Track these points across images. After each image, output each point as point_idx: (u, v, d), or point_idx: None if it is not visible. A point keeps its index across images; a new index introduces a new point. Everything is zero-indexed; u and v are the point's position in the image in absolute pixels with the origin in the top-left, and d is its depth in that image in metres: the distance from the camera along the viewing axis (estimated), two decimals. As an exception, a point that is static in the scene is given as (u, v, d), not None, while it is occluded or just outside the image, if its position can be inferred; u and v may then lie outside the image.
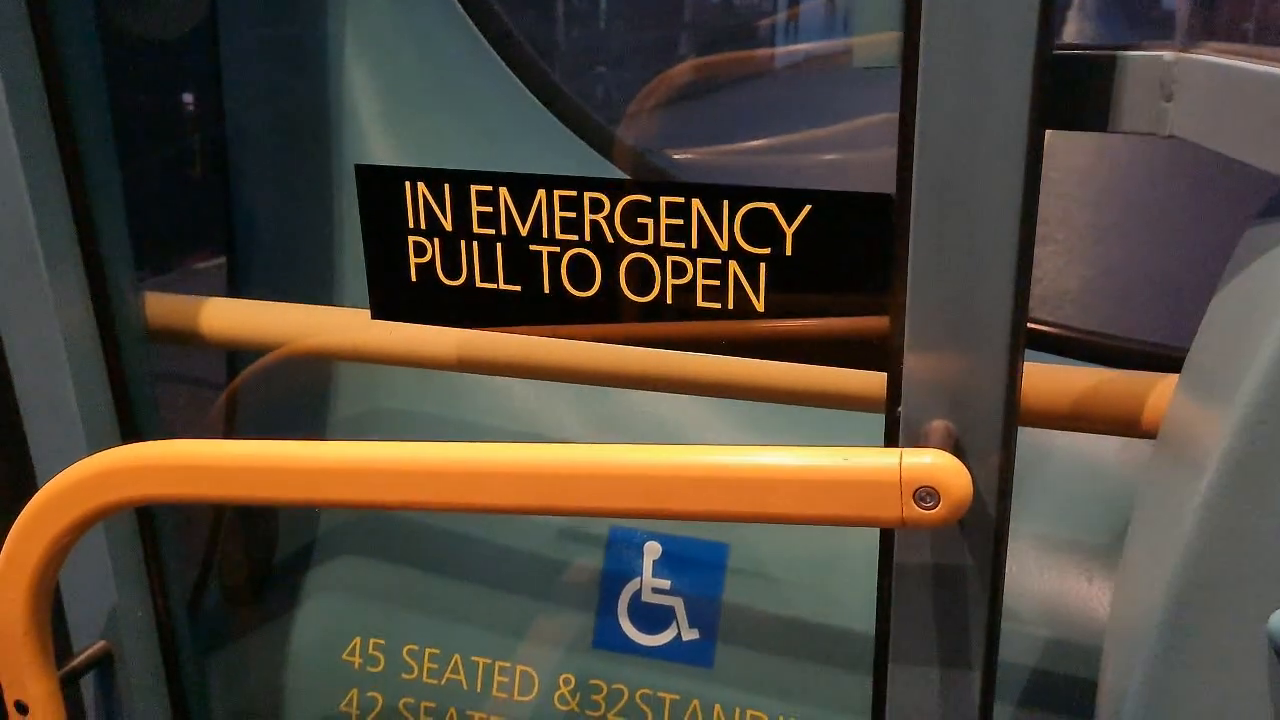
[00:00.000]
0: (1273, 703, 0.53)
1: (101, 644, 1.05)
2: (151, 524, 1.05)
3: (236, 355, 1.37)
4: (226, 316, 1.07)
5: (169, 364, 1.17)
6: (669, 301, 0.82)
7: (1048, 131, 0.67)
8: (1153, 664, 0.57)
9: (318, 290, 1.29)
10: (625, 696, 1.15)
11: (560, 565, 1.19)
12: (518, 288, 0.85)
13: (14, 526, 0.90)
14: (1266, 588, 0.52)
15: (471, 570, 1.21)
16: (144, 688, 1.08)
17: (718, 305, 0.80)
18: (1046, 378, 0.85)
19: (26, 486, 1.03)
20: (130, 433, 1.02)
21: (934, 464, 0.65)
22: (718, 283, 0.80)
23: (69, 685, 1.03)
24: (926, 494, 0.65)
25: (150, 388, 1.05)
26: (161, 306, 1.07)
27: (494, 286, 0.86)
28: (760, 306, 0.79)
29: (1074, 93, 0.69)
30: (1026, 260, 0.69)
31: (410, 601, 1.23)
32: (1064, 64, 0.69)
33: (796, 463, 0.67)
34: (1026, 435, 1.15)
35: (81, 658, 1.04)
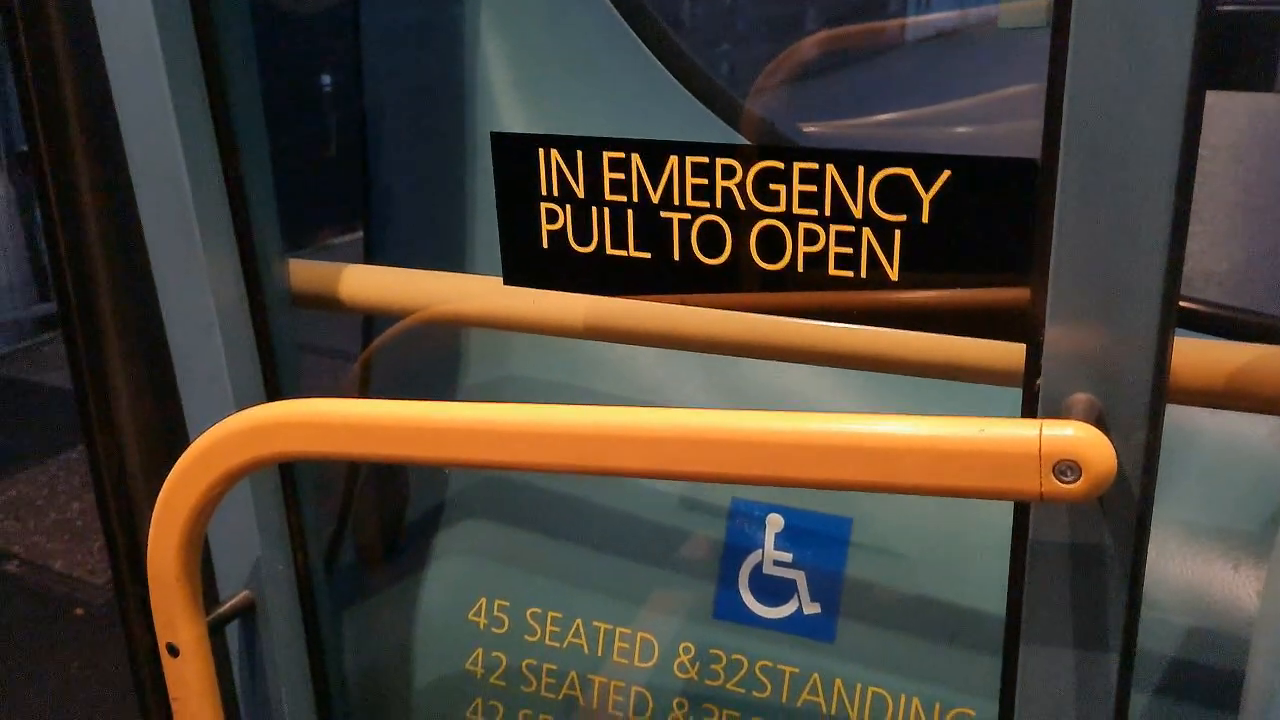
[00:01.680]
0: None
1: (245, 594, 1.11)
2: (293, 481, 1.09)
3: (373, 324, 1.42)
4: (365, 283, 1.11)
5: (312, 336, 1.22)
6: (800, 270, 0.81)
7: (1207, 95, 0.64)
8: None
9: (450, 261, 1.32)
10: (745, 668, 1.15)
11: (682, 535, 1.19)
12: (648, 255, 0.86)
13: (168, 478, 0.95)
14: None
15: (594, 537, 1.23)
16: (284, 638, 1.13)
17: (850, 274, 0.79)
18: (1198, 353, 0.81)
19: (180, 443, 1.08)
20: (274, 394, 1.06)
21: (1075, 436, 0.63)
22: (850, 251, 0.78)
23: (215, 633, 1.08)
24: (1067, 467, 0.63)
25: (295, 352, 1.09)
26: (305, 274, 1.12)
27: (624, 254, 0.86)
28: (894, 275, 0.78)
29: (1236, 51, 0.65)
30: (1181, 229, 0.66)
31: (534, 566, 1.26)
32: (1226, 21, 0.65)
33: (932, 432, 0.66)
34: (1172, 416, 1.11)
35: (227, 606, 1.09)
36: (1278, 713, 0.61)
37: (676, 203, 0.83)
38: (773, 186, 0.79)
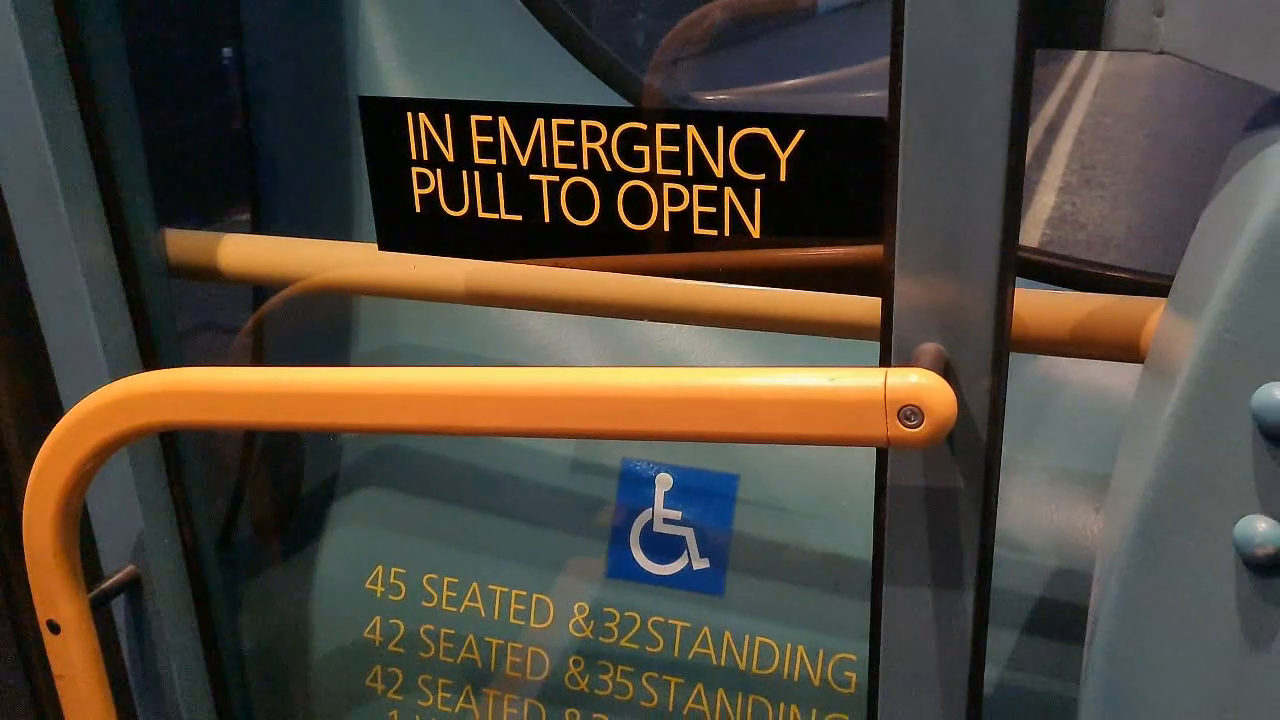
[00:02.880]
0: (1238, 607, 0.54)
1: (130, 568, 1.10)
2: (176, 453, 1.08)
3: (261, 295, 1.40)
4: (244, 253, 1.10)
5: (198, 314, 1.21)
6: (666, 229, 0.82)
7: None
8: (1125, 574, 0.58)
9: (340, 231, 1.31)
10: (638, 624, 1.18)
11: (575, 497, 1.21)
12: (519, 217, 0.86)
13: (41, 452, 0.93)
14: (1232, 496, 0.53)
15: (488, 502, 1.24)
16: (173, 613, 1.12)
17: (714, 232, 0.81)
18: (1043, 303, 0.84)
19: (53, 416, 1.06)
20: (152, 366, 1.05)
21: (918, 383, 0.66)
22: (714, 210, 0.80)
23: (100, 608, 1.07)
24: (911, 412, 0.66)
25: (172, 323, 1.08)
26: (182, 244, 1.10)
27: (495, 216, 0.87)
28: (756, 233, 0.80)
29: (1063, 10, 0.68)
30: (1016, 182, 0.69)
31: (430, 533, 1.26)
32: (1056, -19, 0.68)
33: (784, 383, 0.68)
34: (1041, 369, 1.15)
35: (110, 581, 1.08)
36: (1102, 626, 0.64)
37: (545, 165, 0.84)
38: (637, 148, 0.81)
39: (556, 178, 0.84)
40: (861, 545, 1.11)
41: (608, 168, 0.82)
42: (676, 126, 0.79)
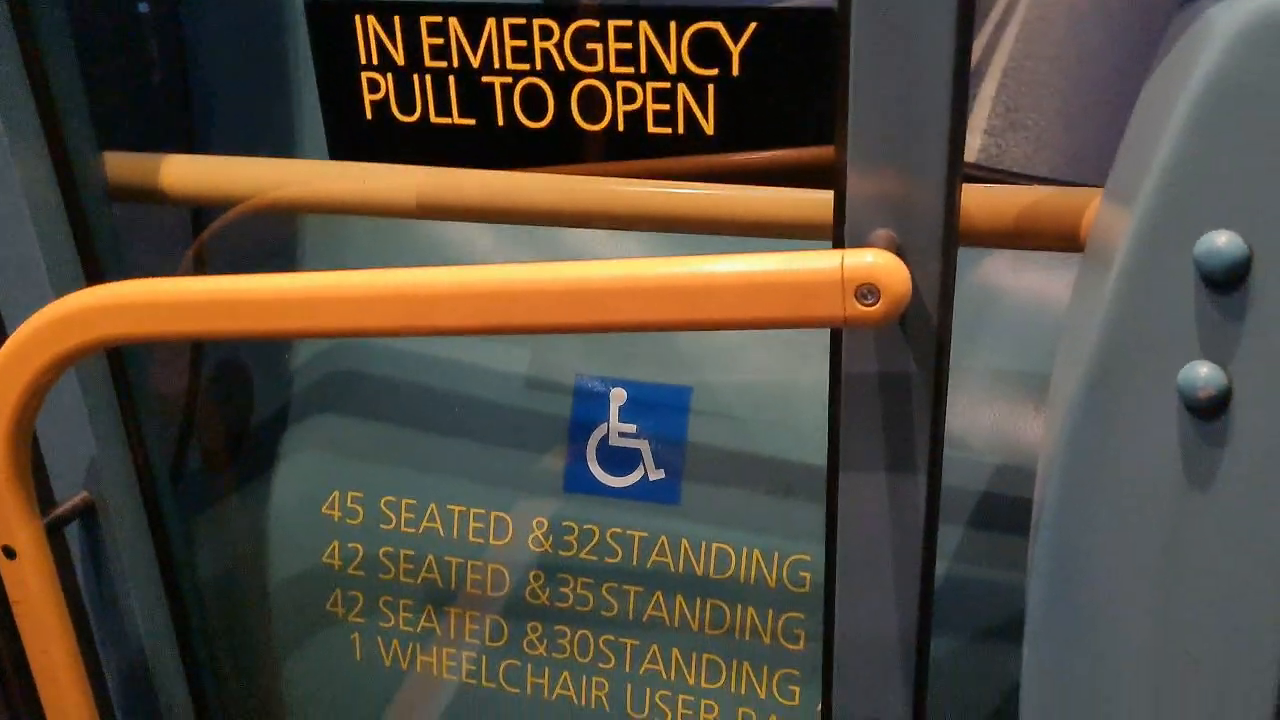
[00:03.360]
0: (1182, 452, 0.57)
1: (84, 495, 1.09)
2: (125, 377, 1.07)
3: (201, 221, 1.38)
4: (186, 172, 1.08)
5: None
6: (621, 130, 0.83)
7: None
8: (1073, 435, 0.61)
9: (281, 151, 1.29)
10: (596, 536, 1.20)
11: (529, 414, 1.22)
12: (472, 121, 0.86)
13: (-12, 377, 0.92)
14: (1177, 345, 0.56)
15: (443, 423, 1.25)
16: (128, 538, 1.12)
17: (669, 131, 0.82)
18: (987, 196, 0.87)
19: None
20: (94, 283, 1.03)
21: (874, 262, 0.68)
22: (668, 108, 0.81)
23: (55, 535, 1.06)
24: (867, 291, 0.68)
25: (116, 246, 1.06)
26: (122, 165, 1.08)
27: (449, 121, 0.87)
28: (710, 130, 0.81)
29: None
30: (963, 69, 0.71)
31: (386, 456, 1.27)
32: None
33: (742, 268, 0.70)
34: (981, 272, 1.19)
35: (65, 507, 1.07)
36: (1051, 491, 0.67)
37: (497, 66, 0.84)
38: (589, 46, 0.81)
39: (509, 79, 0.84)
40: (810, 451, 1.14)
41: (561, 68, 0.83)
42: (629, 23, 0.80)
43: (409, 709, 1.30)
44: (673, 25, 0.78)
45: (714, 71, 0.79)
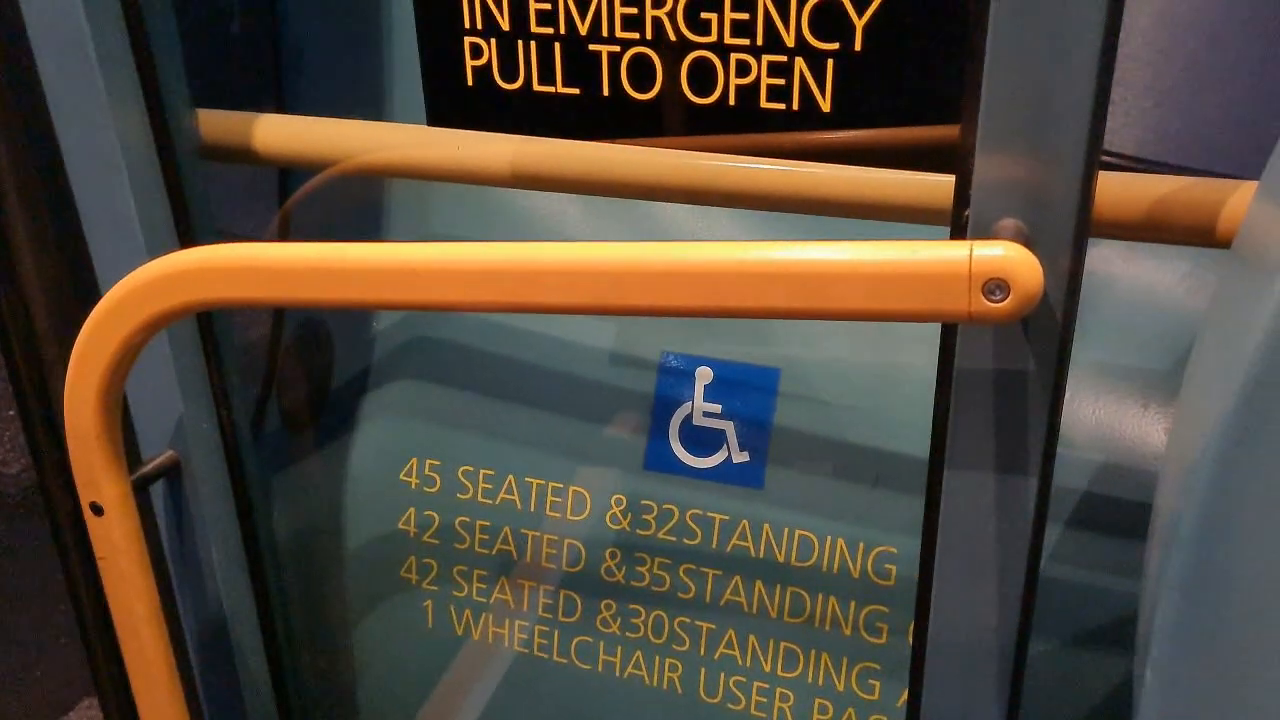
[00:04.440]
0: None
1: (170, 453, 1.09)
2: (214, 338, 1.07)
3: (287, 189, 1.37)
4: (279, 132, 1.07)
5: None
6: (731, 103, 0.80)
7: None
8: (1225, 445, 0.57)
9: (370, 115, 1.27)
10: (675, 516, 1.17)
11: (612, 389, 1.20)
12: (576, 90, 0.83)
13: (83, 329, 0.92)
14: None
15: (525, 394, 1.23)
16: (211, 497, 1.12)
17: (782, 107, 0.78)
18: (1121, 185, 0.82)
19: (89, 299, 1.05)
20: (188, 245, 1.02)
21: (1005, 255, 0.64)
22: (783, 82, 0.77)
23: (140, 493, 1.06)
24: (995, 286, 0.64)
25: (206, 204, 1.05)
26: (216, 124, 1.07)
27: (552, 90, 0.84)
28: (826, 106, 0.77)
29: None
30: (1110, 52, 0.66)
31: (465, 425, 1.26)
32: None
33: (864, 256, 0.66)
34: (1090, 263, 1.13)
35: (151, 465, 1.07)
36: (1179, 537, 0.64)
37: (605, 34, 0.81)
38: (704, 15, 0.77)
39: (617, 48, 0.81)
40: (905, 439, 1.11)
41: (672, 37, 0.79)
42: (747, -9, 0.76)
43: (479, 678, 1.29)
44: (794, -4, 0.74)
45: (834, 45, 0.75)
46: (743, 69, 0.78)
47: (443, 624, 1.29)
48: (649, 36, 0.79)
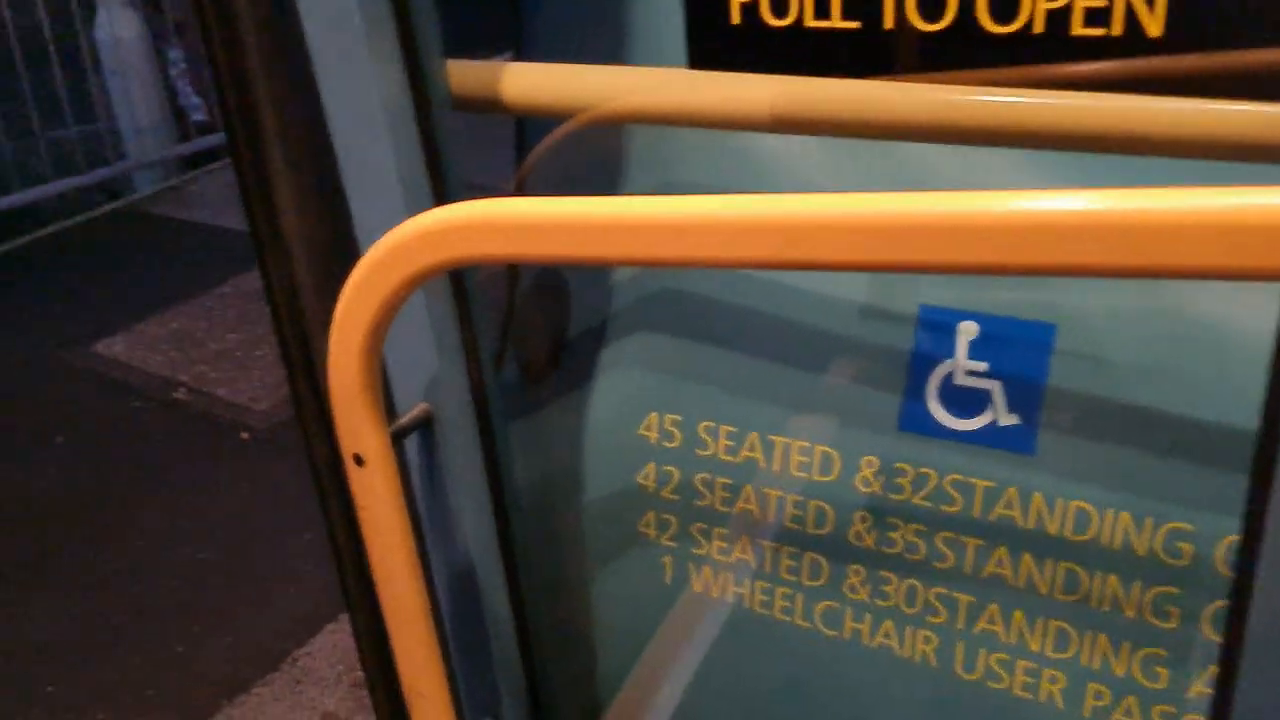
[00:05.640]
0: None
1: (424, 406, 1.10)
2: (465, 292, 1.06)
3: (524, 137, 1.35)
4: (528, 81, 1.04)
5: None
6: (1038, 31, 0.71)
7: None
8: None
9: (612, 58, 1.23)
10: (933, 481, 1.10)
11: (865, 344, 1.13)
12: (856, 25, 0.76)
13: (346, 286, 0.93)
14: None
15: (770, 348, 1.18)
16: (462, 449, 1.13)
17: (1101, 32, 0.69)
18: None
19: (345, 255, 1.06)
20: (441, 200, 1.02)
21: None
22: (1104, 3, 0.68)
23: (398, 443, 1.08)
24: (1394, 240, 0.54)
25: (457, 158, 1.05)
26: (464, 74, 1.05)
27: (827, 25, 0.77)
28: (1155, 29, 0.67)
29: None
30: None
31: (707, 379, 1.22)
32: None
33: (1221, 203, 0.57)
34: None
35: (408, 418, 1.09)
36: None
37: (892, -41, 0.73)
38: (1011, -70, 0.69)
39: (906, -26, 0.73)
40: (1201, 403, 0.99)
41: (971, -42, 0.71)
42: (1066, -99, 0.66)
43: (717, 639, 1.27)
44: (1124, -99, 0.64)
45: (1172, -42, 0.64)
46: (1054, -9, 0.69)
47: (681, 580, 1.27)
48: (943, -41, 0.71)
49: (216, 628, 2.75)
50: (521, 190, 1.32)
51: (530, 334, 1.41)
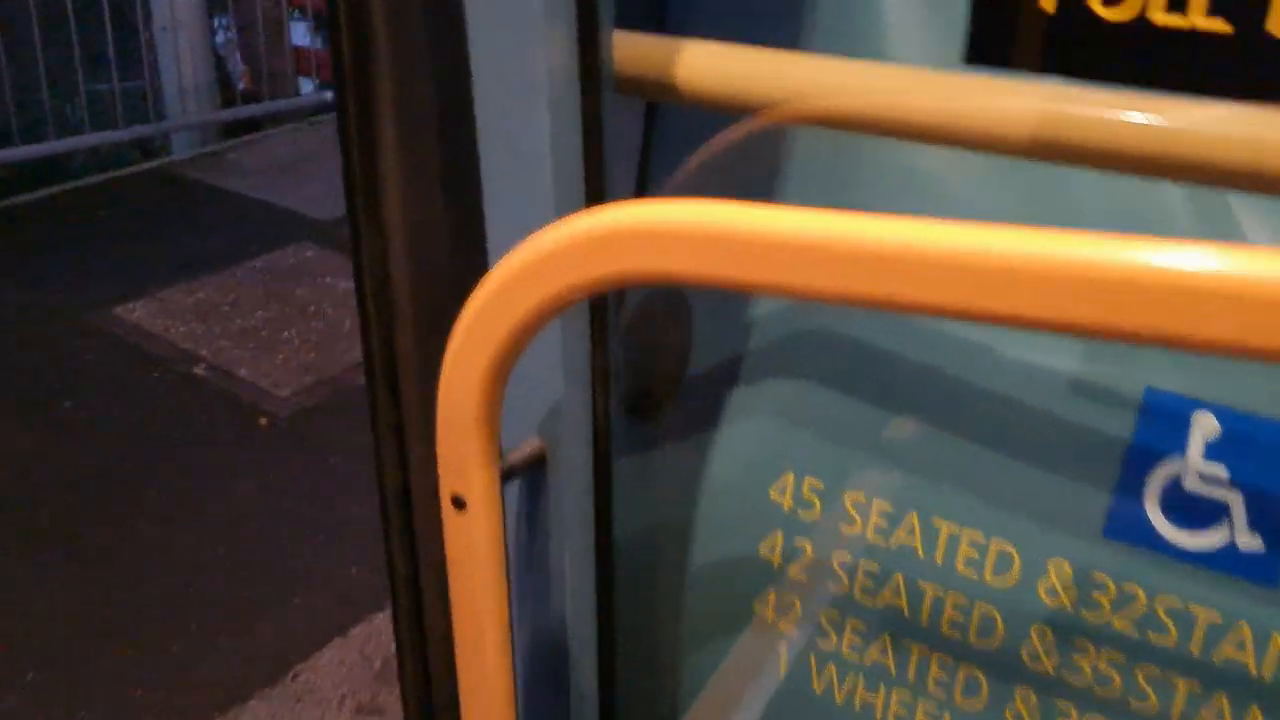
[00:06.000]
0: None
1: (536, 443, 0.91)
2: (604, 308, 0.88)
3: (655, 115, 1.16)
4: (710, 63, 0.85)
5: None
6: None
7: None
8: None
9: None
10: (1140, 602, 0.91)
11: (1071, 426, 0.93)
12: (1224, 26, 0.57)
13: (470, 302, 0.74)
14: None
15: (946, 415, 0.99)
16: (574, 491, 0.94)
17: None
18: None
19: (466, 248, 0.88)
20: (598, 199, 0.83)
21: None
22: None
23: (505, 483, 0.89)
24: None
25: (620, 153, 0.86)
26: (631, 47, 0.87)
27: (1182, 24, 0.58)
28: None
29: None
30: None
31: (861, 442, 1.02)
32: None
33: None
34: None
35: (519, 456, 0.90)
36: None
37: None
38: None
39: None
40: None
41: None
42: None
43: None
44: None
45: None
46: None
47: (799, 676, 1.07)
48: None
49: (214, 630, 2.55)
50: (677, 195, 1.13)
51: (641, 362, 1.21)
